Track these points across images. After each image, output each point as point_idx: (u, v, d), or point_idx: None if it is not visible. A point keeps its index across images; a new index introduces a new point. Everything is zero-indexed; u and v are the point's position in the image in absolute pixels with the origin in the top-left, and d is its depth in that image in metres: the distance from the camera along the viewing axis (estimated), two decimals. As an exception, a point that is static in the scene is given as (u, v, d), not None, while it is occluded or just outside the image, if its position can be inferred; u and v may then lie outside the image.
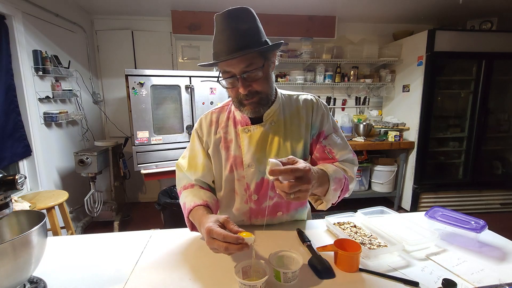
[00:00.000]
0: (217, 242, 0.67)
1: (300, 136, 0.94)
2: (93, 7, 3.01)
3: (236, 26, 0.77)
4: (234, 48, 0.76)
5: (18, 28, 2.12)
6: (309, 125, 0.95)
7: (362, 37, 3.55)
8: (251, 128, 0.92)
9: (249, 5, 0.82)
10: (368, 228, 1.00)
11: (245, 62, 0.78)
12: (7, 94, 2.05)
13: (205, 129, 0.97)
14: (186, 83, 2.63)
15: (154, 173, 2.55)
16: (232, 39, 0.76)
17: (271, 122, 0.92)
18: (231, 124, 0.95)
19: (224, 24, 0.77)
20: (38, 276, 0.75)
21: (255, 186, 0.94)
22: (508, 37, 2.96)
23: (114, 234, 1.02)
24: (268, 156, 0.91)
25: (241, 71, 0.79)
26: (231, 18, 0.77)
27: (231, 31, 0.77)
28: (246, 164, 0.92)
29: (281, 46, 0.84)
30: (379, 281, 0.74)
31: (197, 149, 0.99)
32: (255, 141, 0.91)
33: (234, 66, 0.78)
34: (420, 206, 3.21)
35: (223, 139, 0.95)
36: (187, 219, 0.91)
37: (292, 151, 0.92)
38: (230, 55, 0.76)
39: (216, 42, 0.79)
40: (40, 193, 2.11)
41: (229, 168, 0.94)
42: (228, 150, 0.95)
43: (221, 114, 0.98)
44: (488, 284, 0.69)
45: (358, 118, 3.66)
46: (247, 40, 0.77)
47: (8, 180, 0.66)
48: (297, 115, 0.95)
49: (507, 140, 3.36)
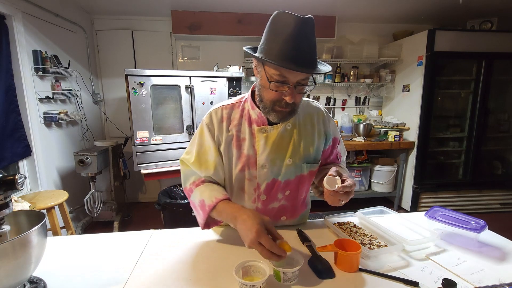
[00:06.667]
0: (261, 248, 0.69)
1: (313, 141, 0.96)
2: (93, 7, 3.01)
3: (310, 37, 0.77)
4: (305, 60, 0.76)
5: (18, 28, 2.12)
6: (321, 132, 0.98)
7: (362, 37, 3.55)
8: (268, 128, 0.90)
9: (249, 4, 0.82)
10: (368, 228, 1.00)
11: (304, 75, 0.79)
12: (7, 94, 2.05)
13: (216, 124, 0.93)
14: (186, 83, 2.63)
15: (154, 173, 2.55)
16: (306, 51, 0.76)
17: (286, 125, 0.92)
18: (245, 123, 0.93)
19: (298, 30, 0.74)
20: (38, 276, 0.75)
21: (265, 186, 0.94)
22: (508, 37, 2.96)
23: (114, 234, 1.02)
24: (283, 157, 0.92)
25: (297, 82, 0.79)
26: (307, 26, 0.75)
27: (305, 40, 0.76)
28: (260, 164, 0.91)
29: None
30: (379, 281, 0.74)
31: (208, 145, 0.93)
32: (271, 142, 0.90)
33: (296, 75, 0.78)
34: (420, 206, 3.21)
35: (235, 137, 0.92)
36: (206, 216, 0.87)
37: (305, 154, 0.95)
38: (303, 68, 0.76)
39: (283, 45, 0.75)
40: (40, 193, 2.11)
41: (240, 167, 0.93)
42: (240, 149, 0.92)
43: (233, 111, 0.94)
44: (488, 284, 0.69)
45: (358, 118, 3.66)
46: (315, 54, 0.80)
47: (8, 180, 0.66)
48: (310, 120, 0.97)
49: (507, 140, 3.36)
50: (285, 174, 0.93)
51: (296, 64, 0.75)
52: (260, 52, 0.81)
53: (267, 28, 0.80)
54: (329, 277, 0.75)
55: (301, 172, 0.95)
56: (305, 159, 0.95)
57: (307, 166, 0.95)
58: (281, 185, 0.95)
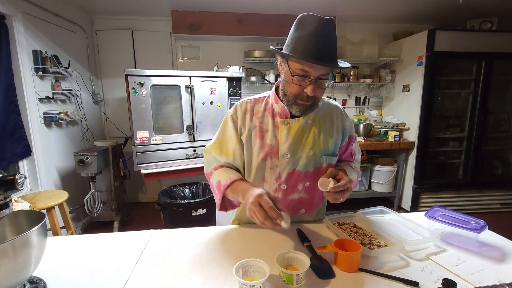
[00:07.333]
0: (259, 209, 0.75)
1: (332, 135, 1.01)
2: (93, 7, 3.01)
3: (331, 36, 0.84)
4: (326, 56, 0.82)
5: (18, 28, 2.12)
6: (339, 129, 1.03)
7: (362, 37, 3.55)
8: (290, 120, 0.97)
9: (249, 4, 0.83)
10: (368, 228, 1.00)
11: (325, 70, 0.85)
12: (7, 94, 2.05)
13: (240, 116, 1.01)
14: (186, 83, 2.63)
15: (154, 173, 2.54)
16: (327, 47, 0.83)
17: (307, 119, 0.98)
18: (268, 115, 1.00)
19: (320, 29, 0.82)
20: (38, 276, 0.75)
21: (286, 175, 0.98)
22: (508, 37, 2.96)
23: (114, 234, 1.02)
24: (303, 148, 0.98)
25: (318, 76, 0.85)
26: (328, 25, 0.83)
27: (327, 38, 0.83)
28: (282, 153, 0.97)
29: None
30: (379, 281, 0.74)
31: (230, 134, 1.01)
32: (293, 133, 0.96)
33: (316, 70, 0.84)
34: (420, 206, 3.21)
35: (258, 128, 0.99)
36: (222, 195, 0.98)
37: (325, 146, 1.00)
38: (323, 62, 0.82)
39: (306, 42, 0.82)
40: (40, 193, 2.11)
41: (263, 156, 0.98)
42: (262, 139, 0.99)
43: (256, 105, 1.02)
44: (488, 284, 0.69)
45: (358, 118, 3.66)
46: (335, 52, 0.86)
47: (8, 180, 0.66)
48: (329, 116, 1.03)
49: (507, 140, 3.36)
50: (305, 165, 0.98)
51: (317, 59, 0.81)
52: (284, 50, 0.88)
53: (292, 28, 0.88)
54: (329, 277, 0.75)
55: (320, 164, 1.00)
56: (324, 152, 1.00)
57: (326, 159, 1.00)
58: (301, 176, 0.99)
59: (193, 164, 2.66)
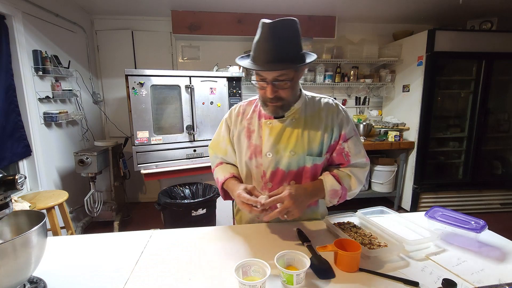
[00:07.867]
0: (243, 206, 0.89)
1: (317, 135, 1.00)
2: (93, 7, 3.01)
3: (279, 39, 0.85)
4: (272, 59, 0.86)
5: (18, 28, 2.12)
6: (328, 127, 1.01)
7: (362, 37, 3.55)
8: (272, 121, 1.01)
9: (249, 4, 0.83)
10: (368, 228, 1.00)
11: (278, 72, 0.88)
12: (7, 94, 2.05)
13: (233, 119, 1.11)
14: (186, 83, 2.63)
15: (154, 173, 2.54)
16: (274, 51, 0.85)
17: (292, 119, 1.01)
18: (255, 116, 1.06)
19: (269, 34, 0.85)
20: (38, 276, 0.75)
21: (270, 174, 1.02)
22: (508, 37, 2.96)
23: (114, 234, 1.02)
24: (285, 147, 1.00)
25: (273, 79, 0.90)
26: (277, 29, 0.85)
27: (273, 42, 0.85)
28: (265, 152, 1.01)
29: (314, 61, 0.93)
30: (379, 281, 0.74)
31: (223, 136, 1.13)
32: (275, 133, 1.00)
33: (268, 73, 0.89)
34: (420, 206, 3.21)
35: (247, 128, 1.06)
36: (221, 190, 1.10)
37: (309, 146, 1.00)
38: (267, 65, 0.87)
39: (258, 48, 0.88)
40: (40, 193, 2.11)
41: (249, 155, 1.04)
42: (249, 139, 1.05)
43: (247, 107, 1.10)
44: (488, 284, 0.69)
45: (358, 118, 3.66)
46: (286, 53, 0.87)
47: (8, 180, 0.66)
48: (317, 115, 1.02)
49: (507, 140, 3.36)
50: (288, 164, 1.00)
51: (264, 63, 0.86)
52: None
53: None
54: (329, 277, 0.75)
55: (304, 164, 1.01)
56: (309, 152, 1.00)
57: (310, 159, 1.00)
58: (285, 175, 1.01)
59: (193, 164, 2.66)
